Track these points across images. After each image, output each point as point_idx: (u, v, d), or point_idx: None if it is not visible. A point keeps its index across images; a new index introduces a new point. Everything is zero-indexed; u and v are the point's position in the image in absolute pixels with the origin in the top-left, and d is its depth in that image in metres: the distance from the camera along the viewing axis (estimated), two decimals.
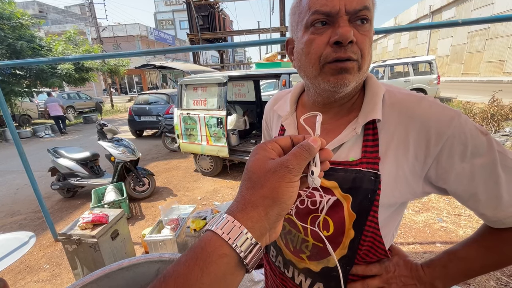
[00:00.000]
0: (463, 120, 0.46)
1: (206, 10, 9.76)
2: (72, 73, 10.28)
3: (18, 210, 3.65)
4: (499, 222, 0.48)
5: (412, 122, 0.49)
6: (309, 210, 0.57)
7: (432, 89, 8.93)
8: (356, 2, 0.45)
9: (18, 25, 8.49)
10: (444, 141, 0.46)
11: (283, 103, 0.69)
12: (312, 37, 0.48)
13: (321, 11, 0.45)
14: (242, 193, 0.32)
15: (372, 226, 0.52)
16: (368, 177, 0.50)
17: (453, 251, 0.55)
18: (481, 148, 0.45)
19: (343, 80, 0.47)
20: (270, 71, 3.99)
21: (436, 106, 0.49)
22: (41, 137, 9.19)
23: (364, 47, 0.47)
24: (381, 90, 0.53)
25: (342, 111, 0.57)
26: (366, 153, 0.52)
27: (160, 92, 8.21)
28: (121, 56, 2.17)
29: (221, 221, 0.29)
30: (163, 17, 35.79)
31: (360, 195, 0.51)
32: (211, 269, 0.27)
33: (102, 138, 3.54)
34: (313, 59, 0.49)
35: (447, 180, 0.48)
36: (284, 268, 0.66)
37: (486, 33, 15.60)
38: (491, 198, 0.46)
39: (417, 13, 22.56)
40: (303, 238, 0.60)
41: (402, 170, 0.50)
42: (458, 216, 2.70)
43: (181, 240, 2.14)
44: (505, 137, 4.93)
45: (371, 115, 0.51)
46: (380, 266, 0.57)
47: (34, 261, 2.52)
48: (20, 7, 13.05)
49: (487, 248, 0.51)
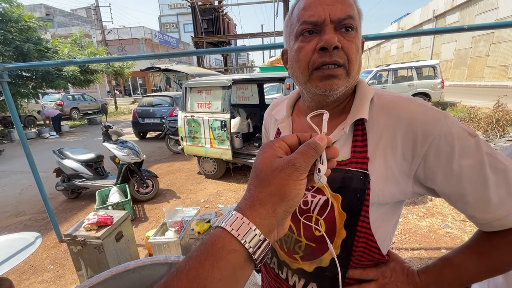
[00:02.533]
0: (450, 122, 0.47)
1: (211, 14, 9.85)
2: (78, 75, 10.39)
3: (23, 211, 3.68)
4: (488, 225, 0.48)
5: (400, 123, 0.50)
6: (302, 210, 0.58)
7: (436, 93, 8.90)
8: (340, 11, 0.48)
9: (26, 27, 8.61)
10: (431, 141, 0.47)
11: (281, 109, 0.71)
12: (301, 44, 0.51)
13: (308, 21, 0.50)
14: (250, 191, 0.32)
15: (364, 226, 0.53)
16: (357, 176, 0.51)
17: (448, 258, 0.55)
18: (469, 149, 0.46)
19: (331, 85, 0.50)
20: (275, 74, 4.01)
21: (423, 107, 0.50)
22: (46, 138, 9.28)
23: (350, 52, 0.49)
24: (370, 93, 0.56)
25: (334, 114, 0.58)
26: (355, 153, 0.53)
27: (164, 94, 8.27)
28: (126, 59, 2.20)
29: (230, 218, 0.30)
30: (168, 20, 36.16)
31: (350, 194, 0.52)
32: (221, 264, 0.27)
33: (107, 139, 3.57)
34: (302, 66, 0.52)
35: (435, 180, 0.48)
36: (278, 269, 0.67)
37: (490, 37, 15.53)
38: (480, 200, 0.46)
39: (421, 18, 22.55)
40: (296, 238, 0.61)
41: (391, 170, 0.51)
42: (464, 222, 2.67)
43: (185, 243, 2.14)
44: (510, 142, 4.89)
45: (358, 115, 0.53)
46: (377, 270, 0.58)
47: (38, 261, 2.54)
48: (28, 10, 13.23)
49: (480, 254, 0.51)
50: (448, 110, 8.48)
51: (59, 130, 9.97)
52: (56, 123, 9.86)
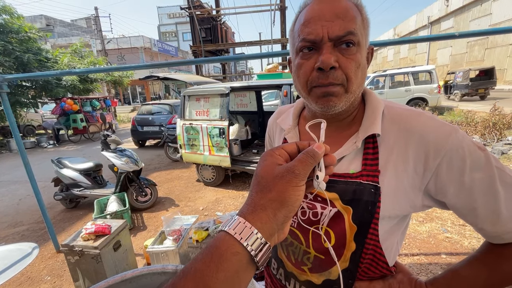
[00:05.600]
0: (461, 136, 0.48)
1: (209, 23, 9.99)
2: (77, 84, 10.46)
3: (21, 221, 3.65)
4: (498, 238, 0.48)
5: (411, 137, 0.50)
6: (311, 222, 0.58)
7: (433, 98, 8.98)
8: (339, 28, 0.47)
9: (26, 38, 8.74)
10: (443, 155, 0.47)
11: (286, 117, 0.71)
12: (301, 61, 0.52)
13: (307, 39, 0.49)
14: (252, 197, 0.34)
15: (373, 239, 0.53)
16: (368, 189, 0.51)
17: (456, 269, 0.55)
18: (479, 163, 0.46)
19: (329, 102, 0.51)
20: (272, 81, 4.05)
21: (434, 121, 0.50)
22: (45, 148, 9.28)
23: (349, 71, 0.49)
24: (381, 106, 0.56)
25: (342, 125, 0.59)
26: (366, 166, 0.53)
27: (163, 102, 8.32)
28: (126, 69, 2.23)
29: (233, 222, 0.32)
30: (167, 29, 36.60)
31: (361, 207, 0.52)
32: (225, 266, 0.29)
33: (106, 148, 3.57)
34: (302, 82, 0.53)
35: (446, 193, 0.49)
36: (285, 281, 0.66)
37: (485, 42, 15.77)
38: (490, 213, 0.46)
39: (416, 24, 22.93)
40: (304, 250, 0.60)
41: (401, 183, 0.51)
42: (463, 226, 2.66)
43: (183, 251, 2.13)
44: (508, 146, 4.91)
45: (371, 130, 0.52)
46: (384, 283, 0.57)
47: (35, 272, 2.51)
48: (28, 21, 13.42)
49: (488, 266, 0.51)
50: (445, 114, 8.54)
51: (58, 140, 9.97)
52: (56, 133, 9.87)
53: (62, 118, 9.71)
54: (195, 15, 9.52)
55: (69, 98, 9.79)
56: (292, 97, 3.58)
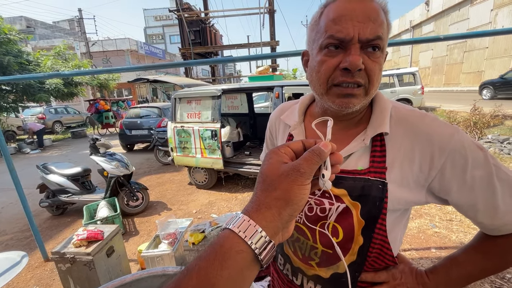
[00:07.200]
0: (462, 136, 0.51)
1: (198, 26, 9.95)
2: (61, 88, 10.13)
3: (4, 230, 3.48)
4: (496, 230, 0.52)
5: (417, 137, 0.53)
6: (318, 217, 0.59)
7: (417, 99, 9.29)
8: (370, 32, 0.47)
9: (5, 40, 8.39)
10: (447, 154, 0.50)
11: (290, 113, 0.71)
12: (324, 58, 0.51)
13: (335, 36, 0.49)
14: (257, 195, 0.34)
15: (381, 233, 0.55)
16: (376, 185, 0.54)
17: (454, 257, 0.58)
18: (479, 161, 0.49)
19: (348, 104, 0.52)
20: (264, 83, 4.08)
21: (437, 122, 0.54)
22: (27, 153, 8.90)
23: (372, 74, 0.50)
24: (388, 106, 0.58)
25: (351, 123, 0.61)
26: (374, 163, 0.55)
27: (151, 105, 8.18)
28: (114, 71, 2.19)
29: (238, 220, 0.32)
30: (153, 32, 36.11)
31: (369, 202, 0.54)
32: (229, 264, 0.29)
33: (95, 152, 3.48)
34: (322, 79, 0.53)
35: (450, 191, 0.52)
36: (292, 276, 0.67)
37: (464, 46, 16.51)
38: (489, 208, 0.50)
39: (399, 28, 23.72)
40: (312, 245, 0.62)
41: (406, 180, 0.54)
42: (450, 221, 2.77)
43: (179, 255, 2.10)
44: (488, 144, 5.15)
45: (380, 129, 0.55)
46: (388, 273, 0.60)
47: (22, 283, 2.40)
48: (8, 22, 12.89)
49: (484, 253, 0.55)
50: None
51: (42, 145, 9.62)
52: (40, 138, 9.52)
53: (95, 115, 11.79)
54: (184, 17, 9.46)
55: (102, 99, 12.25)
56: (283, 99, 3.62)
